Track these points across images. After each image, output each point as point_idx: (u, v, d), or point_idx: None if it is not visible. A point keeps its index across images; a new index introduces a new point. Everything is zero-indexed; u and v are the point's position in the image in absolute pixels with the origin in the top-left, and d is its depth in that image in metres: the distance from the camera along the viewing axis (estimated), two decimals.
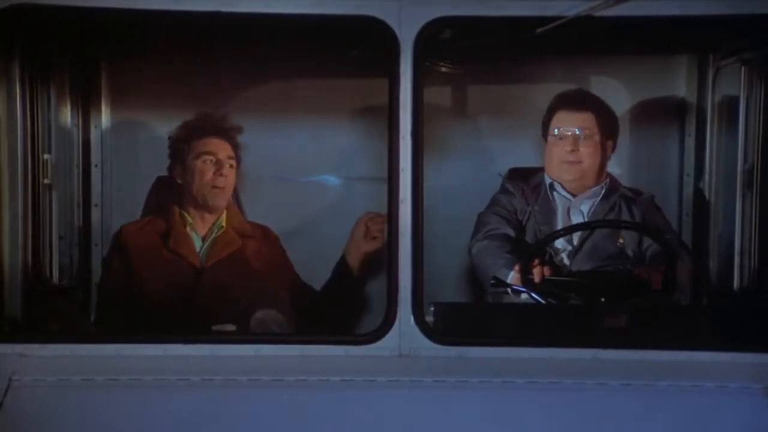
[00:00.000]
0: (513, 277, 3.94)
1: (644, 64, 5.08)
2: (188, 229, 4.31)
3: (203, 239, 4.33)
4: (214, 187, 4.31)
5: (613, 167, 4.71)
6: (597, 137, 4.27)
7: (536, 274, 3.84)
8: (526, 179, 4.45)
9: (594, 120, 4.28)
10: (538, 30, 3.30)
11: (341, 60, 4.78)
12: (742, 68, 4.40)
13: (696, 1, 3.28)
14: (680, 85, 5.09)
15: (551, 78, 5.02)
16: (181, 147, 4.42)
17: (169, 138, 4.51)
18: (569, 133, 4.25)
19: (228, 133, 4.45)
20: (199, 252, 4.31)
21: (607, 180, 4.37)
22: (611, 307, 3.75)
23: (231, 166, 4.38)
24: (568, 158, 4.26)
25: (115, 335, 3.72)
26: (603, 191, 4.33)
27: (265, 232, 4.49)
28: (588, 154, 4.26)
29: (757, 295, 4.17)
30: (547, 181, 4.36)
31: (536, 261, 3.88)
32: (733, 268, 4.47)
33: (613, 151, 4.43)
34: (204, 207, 4.35)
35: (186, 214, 4.35)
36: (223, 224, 4.35)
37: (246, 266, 4.28)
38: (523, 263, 3.89)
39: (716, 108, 4.84)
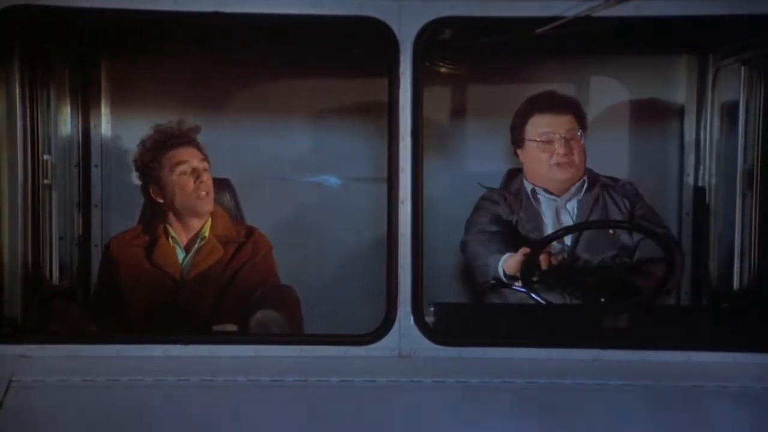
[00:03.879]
0: (507, 262, 3.94)
1: (644, 64, 5.09)
2: (171, 241, 4.27)
3: (186, 250, 4.28)
4: (200, 195, 4.24)
5: (613, 167, 4.71)
6: (579, 135, 4.28)
7: (543, 261, 3.83)
8: (507, 187, 4.45)
9: (574, 120, 4.28)
10: (538, 30, 3.31)
11: (341, 60, 4.79)
12: (742, 68, 4.40)
13: (696, 1, 3.28)
14: (680, 85, 5.09)
15: (551, 78, 5.02)
16: (150, 166, 4.31)
17: (135, 161, 4.39)
18: (558, 137, 4.23)
19: (189, 137, 4.33)
20: (182, 264, 4.26)
21: (586, 173, 4.37)
22: (611, 307, 3.76)
23: (205, 169, 4.28)
24: (562, 161, 4.24)
25: (115, 336, 3.71)
26: (585, 185, 4.33)
27: (253, 237, 4.35)
28: (577, 154, 4.26)
29: (757, 295, 4.17)
30: (528, 187, 4.35)
31: (546, 249, 3.87)
32: (733, 268, 4.47)
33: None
34: (190, 217, 4.27)
35: (169, 227, 4.28)
36: (206, 234, 4.27)
37: (226, 276, 4.21)
38: (532, 249, 3.87)
39: (716, 108, 4.84)
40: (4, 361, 3.23)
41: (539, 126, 4.28)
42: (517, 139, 4.37)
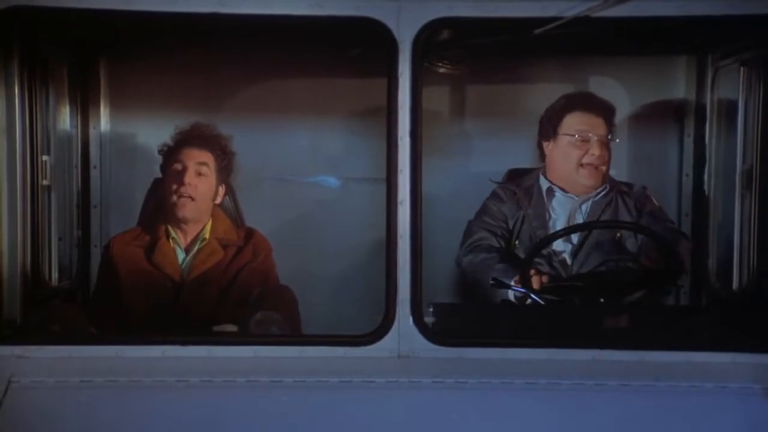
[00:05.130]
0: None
1: (643, 64, 5.09)
2: (171, 242, 4.25)
3: (186, 251, 4.26)
4: (180, 197, 4.18)
5: (612, 167, 4.70)
6: (610, 140, 4.27)
7: (534, 282, 3.83)
8: (518, 182, 4.44)
9: (606, 125, 4.28)
10: (537, 31, 3.31)
11: (340, 61, 4.80)
12: (741, 69, 4.40)
13: (695, 1, 3.28)
14: (679, 85, 5.10)
15: (550, 79, 5.04)
16: (165, 160, 4.32)
17: (159, 152, 4.38)
18: (595, 138, 4.22)
19: (210, 140, 4.31)
20: (182, 265, 4.24)
21: (608, 182, 4.37)
22: (610, 307, 3.76)
23: (201, 174, 4.22)
24: (593, 162, 4.22)
25: (115, 337, 3.71)
26: (604, 191, 4.33)
27: (253, 239, 4.33)
28: (607, 159, 4.26)
29: (757, 295, 4.17)
30: (544, 185, 4.35)
31: (533, 270, 3.87)
32: (732, 267, 4.47)
33: None
34: (177, 219, 4.23)
35: (170, 228, 4.26)
36: (206, 236, 4.25)
37: (226, 278, 4.20)
38: (521, 272, 3.88)
39: (715, 108, 4.84)
40: (4, 361, 3.23)
41: (577, 123, 4.26)
42: (548, 133, 4.34)
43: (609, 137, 4.27)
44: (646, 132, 5.16)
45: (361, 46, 4.45)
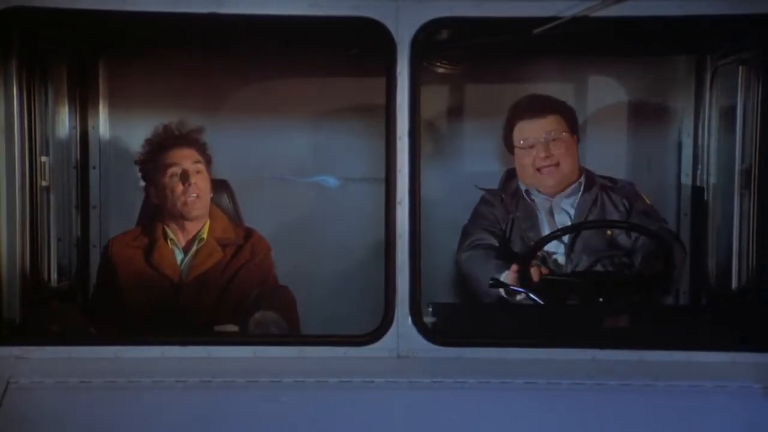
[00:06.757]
0: (507, 278, 3.94)
1: (642, 64, 5.09)
2: (170, 243, 4.26)
3: (185, 252, 4.27)
4: (189, 198, 4.22)
5: (612, 167, 4.71)
6: (565, 135, 4.28)
7: (534, 273, 3.84)
8: (505, 187, 4.47)
9: (559, 120, 4.29)
10: (535, 31, 3.31)
11: (339, 61, 4.80)
12: (740, 68, 4.39)
13: (695, 1, 3.28)
14: (678, 85, 5.09)
15: (549, 78, 5.03)
16: (148, 167, 4.33)
17: (136, 163, 4.41)
18: (540, 140, 4.25)
19: (189, 138, 4.33)
20: (181, 266, 4.25)
21: (583, 174, 4.38)
22: (610, 307, 3.76)
23: (198, 171, 4.26)
24: (544, 164, 4.25)
25: (114, 337, 3.71)
26: (582, 186, 4.33)
27: (251, 238, 4.34)
28: (562, 154, 4.26)
29: (756, 295, 4.16)
30: (522, 187, 4.37)
31: (533, 261, 3.88)
32: (731, 267, 4.46)
33: (578, 142, 4.42)
34: (184, 220, 4.26)
35: (167, 229, 4.28)
36: (204, 236, 4.26)
37: (225, 278, 4.20)
38: (520, 263, 3.88)
39: (714, 108, 4.84)
40: (3, 362, 3.23)
41: (522, 132, 4.31)
42: (508, 146, 4.42)
43: (563, 134, 4.26)
44: (645, 132, 5.16)
45: (359, 46, 4.45)
